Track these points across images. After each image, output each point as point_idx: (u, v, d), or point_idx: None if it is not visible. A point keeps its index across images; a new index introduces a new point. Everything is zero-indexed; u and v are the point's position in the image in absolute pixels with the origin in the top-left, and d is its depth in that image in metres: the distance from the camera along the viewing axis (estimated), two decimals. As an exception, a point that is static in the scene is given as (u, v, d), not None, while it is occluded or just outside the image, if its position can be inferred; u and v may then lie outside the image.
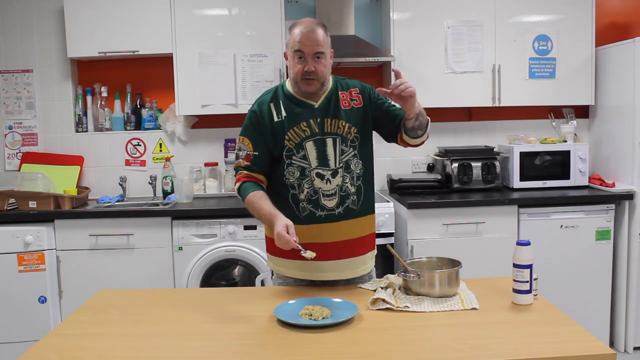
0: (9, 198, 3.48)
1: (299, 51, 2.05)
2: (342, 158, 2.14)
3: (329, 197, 2.13)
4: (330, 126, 2.13)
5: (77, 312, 1.95)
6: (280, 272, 2.24)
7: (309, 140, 2.12)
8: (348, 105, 2.17)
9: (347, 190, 2.15)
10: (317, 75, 2.07)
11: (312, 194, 2.13)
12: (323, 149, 2.12)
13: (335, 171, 2.13)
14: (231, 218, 3.45)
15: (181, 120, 3.97)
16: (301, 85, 2.10)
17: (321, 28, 2.07)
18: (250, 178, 2.13)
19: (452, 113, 4.14)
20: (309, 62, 2.05)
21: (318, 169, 2.12)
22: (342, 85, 2.20)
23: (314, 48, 2.04)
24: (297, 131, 2.11)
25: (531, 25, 3.82)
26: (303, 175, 2.12)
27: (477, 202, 3.52)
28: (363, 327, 1.74)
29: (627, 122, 3.67)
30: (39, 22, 3.92)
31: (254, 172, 2.14)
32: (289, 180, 2.13)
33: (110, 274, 3.44)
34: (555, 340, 1.60)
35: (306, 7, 4.06)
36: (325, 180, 2.12)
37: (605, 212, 3.59)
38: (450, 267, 1.99)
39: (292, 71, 2.10)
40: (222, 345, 1.64)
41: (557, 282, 3.52)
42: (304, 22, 2.09)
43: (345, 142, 2.14)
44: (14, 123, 4.00)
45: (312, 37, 2.04)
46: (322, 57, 2.07)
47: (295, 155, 2.12)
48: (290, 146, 2.11)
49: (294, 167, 2.12)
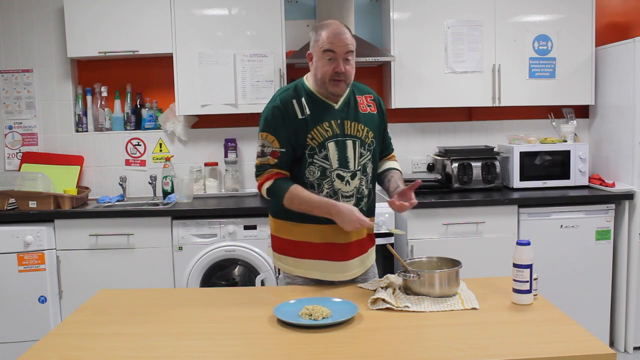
0: (9, 198, 3.48)
1: (330, 51, 2.06)
2: (361, 161, 2.18)
3: (347, 198, 2.16)
4: (350, 128, 2.16)
5: (77, 312, 1.95)
6: (290, 272, 2.23)
7: (331, 141, 2.13)
8: (366, 110, 2.21)
9: (362, 192, 2.19)
10: (346, 77, 2.10)
11: (331, 195, 2.15)
12: (344, 150, 2.14)
13: (354, 173, 2.16)
14: (231, 218, 3.45)
15: (181, 120, 3.97)
16: (329, 86, 2.11)
17: (348, 30, 2.11)
18: (281, 175, 2.13)
19: (452, 113, 4.14)
20: (340, 63, 2.07)
21: (338, 170, 2.14)
22: (358, 89, 2.25)
23: (345, 48, 2.07)
24: (320, 130, 2.12)
25: (531, 25, 3.82)
26: (324, 175, 2.14)
27: (477, 202, 3.52)
28: (363, 327, 1.74)
29: (627, 122, 3.67)
30: (39, 22, 3.92)
31: (283, 169, 2.14)
32: (308, 179, 2.14)
33: (110, 274, 3.44)
34: (555, 340, 1.60)
35: (306, 7, 4.06)
36: (344, 182, 2.15)
37: (605, 212, 3.59)
38: (450, 267, 1.99)
39: (320, 71, 2.10)
40: (222, 345, 1.64)
41: (557, 282, 3.52)
42: (333, 23, 2.12)
43: (364, 146, 2.18)
44: (14, 123, 4.00)
45: (343, 38, 2.07)
46: (352, 58, 2.10)
47: (318, 154, 2.13)
48: (313, 145, 2.12)
49: (315, 167, 2.14)
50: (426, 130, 4.14)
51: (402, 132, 4.07)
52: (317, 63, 2.11)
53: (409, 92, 3.79)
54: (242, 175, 4.07)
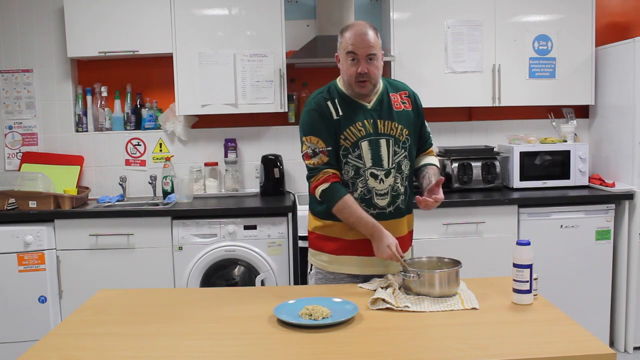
0: (9, 198, 3.48)
1: (351, 53, 2.09)
2: (395, 159, 2.19)
3: (381, 196, 2.19)
4: (383, 127, 2.18)
5: (77, 312, 1.95)
6: (323, 267, 2.28)
7: (364, 140, 2.16)
8: (400, 107, 2.22)
9: (398, 190, 2.21)
10: (370, 77, 2.11)
11: (365, 193, 2.18)
12: (377, 149, 2.17)
13: (388, 171, 2.18)
14: (231, 218, 3.45)
15: (181, 120, 3.97)
16: (355, 87, 2.14)
17: (372, 30, 2.12)
18: (337, 179, 2.16)
19: (452, 113, 4.14)
20: (362, 64, 2.09)
21: (372, 169, 2.17)
22: (392, 87, 2.26)
23: (366, 50, 2.08)
24: (353, 130, 2.15)
25: (531, 25, 3.82)
26: (357, 174, 2.17)
27: (477, 202, 3.52)
28: (363, 327, 1.74)
29: (627, 122, 3.67)
30: (39, 22, 3.92)
31: (336, 169, 2.17)
32: (343, 178, 2.18)
33: (110, 274, 3.44)
34: (555, 340, 1.60)
35: (306, 7, 4.06)
36: (379, 180, 2.17)
37: (605, 212, 3.59)
38: (450, 267, 2.00)
39: (346, 74, 2.14)
40: (222, 345, 1.64)
41: (557, 282, 3.52)
42: (356, 24, 2.13)
43: (398, 144, 2.19)
44: (14, 123, 4.00)
45: (365, 40, 2.08)
46: (374, 59, 2.11)
47: (351, 154, 2.16)
48: (346, 145, 2.16)
49: (349, 166, 2.17)
50: (426, 130, 4.14)
51: (402, 132, 4.07)
52: (343, 65, 2.15)
53: None
54: (242, 175, 4.07)
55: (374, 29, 2.13)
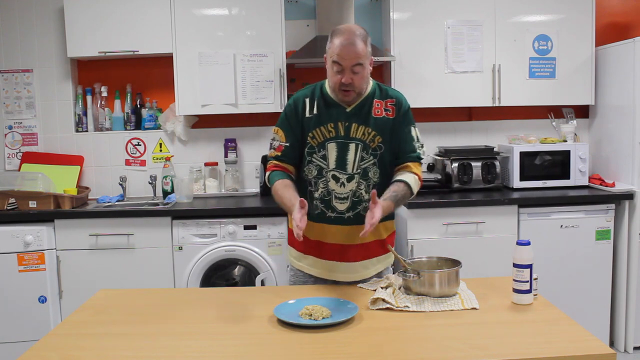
0: (9, 198, 3.48)
1: (337, 63, 2.06)
2: (361, 165, 2.16)
3: (341, 200, 2.17)
4: (356, 131, 2.16)
5: (77, 312, 1.95)
6: (292, 263, 2.31)
7: (331, 142, 2.15)
8: (380, 114, 2.18)
9: (360, 196, 2.17)
10: (354, 87, 2.09)
11: (325, 195, 2.18)
12: (344, 152, 2.15)
13: (352, 176, 2.16)
14: (231, 218, 3.45)
15: (181, 120, 3.97)
16: (338, 94, 2.13)
17: (361, 39, 2.05)
18: (279, 167, 2.19)
19: (452, 113, 4.14)
20: (347, 75, 2.06)
21: (335, 171, 2.16)
22: (381, 93, 2.20)
23: (352, 61, 2.04)
24: (322, 130, 2.15)
25: (531, 25, 3.82)
26: (320, 174, 2.17)
27: (477, 202, 3.52)
28: (363, 327, 1.74)
29: (627, 122, 3.67)
30: (39, 22, 3.92)
31: (284, 162, 2.20)
32: (307, 176, 2.19)
33: (110, 274, 3.44)
34: (555, 340, 1.60)
35: (306, 7, 4.06)
36: (339, 184, 2.16)
37: (605, 212, 3.59)
38: (450, 267, 1.99)
39: (331, 80, 2.13)
40: (222, 345, 1.64)
41: (557, 282, 3.52)
42: (346, 31, 2.06)
43: (367, 150, 2.16)
44: (14, 123, 4.00)
45: (352, 51, 2.03)
46: (361, 69, 2.07)
47: (316, 154, 2.17)
48: (312, 144, 2.16)
49: (312, 165, 2.18)
50: (426, 130, 4.13)
51: (402, 132, 4.06)
52: (328, 71, 2.14)
53: (409, 92, 3.68)
54: (242, 175, 4.07)
55: (363, 36, 2.06)
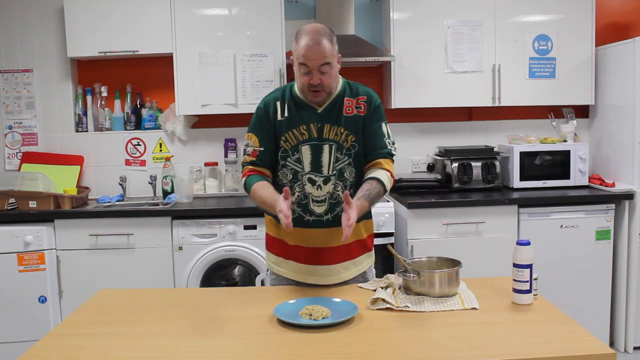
0: (9, 198, 3.48)
1: (303, 64, 2.01)
2: (337, 166, 2.12)
3: (318, 203, 2.14)
4: (329, 132, 2.11)
5: (77, 312, 1.95)
6: (272, 268, 2.28)
7: (305, 144, 2.11)
8: (351, 112, 2.12)
9: (337, 198, 2.13)
10: (323, 87, 2.04)
11: (302, 198, 2.14)
12: (318, 154, 2.11)
13: (328, 178, 2.12)
14: (231, 218, 3.45)
15: (181, 120, 3.97)
16: (308, 95, 2.08)
17: (326, 38, 1.99)
18: (255, 172, 2.15)
19: (452, 113, 4.14)
20: (315, 76, 2.01)
21: (310, 174, 2.12)
22: (351, 91, 2.15)
23: (319, 62, 1.99)
24: (295, 133, 2.11)
25: (531, 25, 3.82)
26: (295, 178, 2.13)
27: (477, 202, 3.52)
28: (363, 327, 1.74)
29: (627, 122, 3.67)
30: (39, 22, 3.92)
31: (259, 166, 2.15)
32: (282, 181, 2.15)
33: (110, 274, 3.44)
34: (555, 340, 1.60)
35: (306, 7, 4.06)
36: (316, 187, 2.12)
37: (605, 212, 3.59)
38: (450, 267, 1.99)
39: (299, 81, 2.08)
40: (222, 345, 1.64)
41: (557, 282, 3.52)
42: (310, 31, 2.00)
43: (341, 150, 2.11)
44: (14, 123, 4.00)
45: (317, 51, 1.98)
46: (328, 68, 2.02)
47: (290, 157, 2.12)
48: (286, 147, 2.12)
49: (287, 169, 2.14)
50: (426, 130, 4.14)
51: (402, 132, 4.07)
52: (296, 72, 2.07)
53: (409, 92, 3.79)
54: (242, 175, 4.07)
55: (329, 35, 2.01)
